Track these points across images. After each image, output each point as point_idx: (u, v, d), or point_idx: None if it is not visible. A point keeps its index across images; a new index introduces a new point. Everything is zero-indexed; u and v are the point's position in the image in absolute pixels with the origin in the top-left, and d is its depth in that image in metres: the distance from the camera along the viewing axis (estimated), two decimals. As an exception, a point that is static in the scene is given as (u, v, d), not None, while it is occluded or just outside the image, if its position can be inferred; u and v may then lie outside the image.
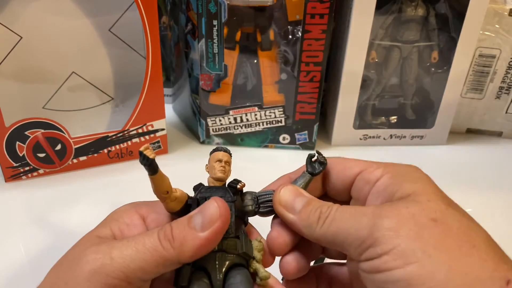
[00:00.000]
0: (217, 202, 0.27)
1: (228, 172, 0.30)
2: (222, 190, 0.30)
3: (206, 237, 0.26)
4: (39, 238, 0.46)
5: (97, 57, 0.54)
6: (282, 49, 0.57)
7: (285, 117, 0.61)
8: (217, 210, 0.26)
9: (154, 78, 0.54)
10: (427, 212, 0.24)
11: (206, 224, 0.26)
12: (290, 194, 0.29)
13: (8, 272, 0.42)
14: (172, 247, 0.26)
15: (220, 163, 0.30)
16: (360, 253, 0.25)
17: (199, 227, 0.26)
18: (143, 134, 0.57)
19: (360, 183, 0.29)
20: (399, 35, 0.59)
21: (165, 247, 0.26)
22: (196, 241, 0.26)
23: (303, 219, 0.28)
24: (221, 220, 0.26)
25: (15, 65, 0.50)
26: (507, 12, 0.58)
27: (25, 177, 0.54)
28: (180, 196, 0.29)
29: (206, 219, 0.26)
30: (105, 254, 0.26)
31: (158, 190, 0.28)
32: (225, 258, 0.28)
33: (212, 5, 0.52)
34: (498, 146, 0.67)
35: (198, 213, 0.27)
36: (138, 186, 0.54)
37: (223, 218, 0.26)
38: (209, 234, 0.26)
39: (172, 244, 0.26)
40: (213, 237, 0.26)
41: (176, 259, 0.26)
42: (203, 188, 0.30)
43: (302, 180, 0.31)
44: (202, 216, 0.26)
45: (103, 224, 0.29)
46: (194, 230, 0.26)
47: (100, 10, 0.52)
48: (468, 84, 0.64)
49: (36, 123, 0.52)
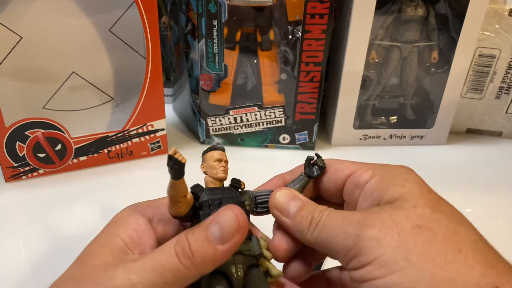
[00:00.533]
0: (234, 212, 0.25)
1: (226, 171, 0.30)
2: (228, 190, 0.29)
3: (226, 250, 0.25)
4: (39, 238, 0.46)
5: (97, 57, 0.54)
6: (282, 49, 0.57)
7: (285, 117, 0.61)
8: (235, 221, 0.25)
9: (154, 78, 0.54)
10: (411, 219, 0.24)
11: (226, 237, 0.25)
12: (285, 198, 0.29)
13: (8, 272, 0.42)
14: (193, 265, 0.25)
15: (220, 162, 0.29)
16: (348, 262, 0.25)
17: (218, 240, 0.25)
18: (143, 134, 0.57)
19: (350, 186, 0.29)
20: (399, 35, 0.59)
21: (186, 266, 0.25)
22: (217, 255, 0.25)
23: (296, 223, 0.28)
24: (241, 232, 0.25)
25: (15, 65, 0.50)
26: (507, 12, 0.58)
27: (25, 177, 0.54)
28: (190, 199, 0.28)
29: (225, 231, 0.25)
30: (123, 280, 0.25)
31: (177, 194, 0.27)
32: (243, 261, 0.28)
33: (212, 5, 0.52)
34: (498, 146, 0.67)
35: (215, 224, 0.25)
36: (138, 186, 0.55)
37: (242, 229, 0.25)
38: (229, 246, 0.25)
39: (193, 261, 0.25)
40: (233, 249, 0.26)
41: (197, 275, 0.25)
42: (209, 190, 0.29)
43: (299, 182, 0.31)
44: (220, 227, 0.25)
45: (109, 232, 0.28)
46: (213, 243, 0.25)
47: (100, 10, 0.52)
48: (468, 84, 0.64)
49: (36, 123, 0.52)
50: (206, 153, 0.30)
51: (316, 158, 0.31)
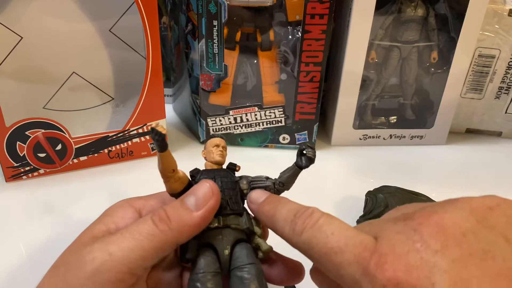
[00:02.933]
0: (208, 182, 0.28)
1: (225, 156, 0.32)
2: (223, 171, 0.31)
3: (202, 215, 0.27)
4: (39, 238, 0.46)
5: (98, 57, 0.54)
6: (282, 49, 0.57)
7: (285, 117, 0.61)
8: (209, 189, 0.27)
9: (154, 78, 0.54)
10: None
11: (200, 203, 0.27)
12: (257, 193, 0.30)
13: (8, 272, 0.42)
14: (169, 228, 0.26)
15: (218, 147, 0.31)
16: None
17: (194, 206, 0.27)
18: (144, 134, 0.57)
19: None
20: (399, 35, 0.59)
21: (162, 230, 0.26)
22: (193, 219, 0.27)
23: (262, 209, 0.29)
24: (214, 198, 0.27)
25: (15, 65, 0.50)
26: (506, 12, 0.58)
27: (25, 177, 0.54)
28: (183, 177, 0.30)
29: (200, 199, 0.27)
30: (102, 251, 0.26)
31: (165, 168, 0.29)
32: (230, 234, 0.29)
33: (212, 6, 0.53)
34: (498, 146, 0.67)
35: (190, 194, 0.28)
36: (138, 186, 0.55)
37: (215, 196, 0.28)
38: (204, 212, 0.27)
39: (169, 225, 0.26)
40: (208, 215, 0.27)
41: (174, 240, 0.26)
42: (205, 171, 0.31)
43: (289, 171, 0.32)
44: (195, 196, 0.27)
45: (97, 221, 0.29)
46: (189, 210, 0.27)
47: (101, 11, 0.52)
48: (468, 84, 0.64)
49: (36, 123, 0.52)
50: (209, 139, 0.32)
51: (306, 150, 0.32)
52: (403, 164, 0.61)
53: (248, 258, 0.28)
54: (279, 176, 0.32)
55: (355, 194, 0.52)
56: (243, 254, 0.28)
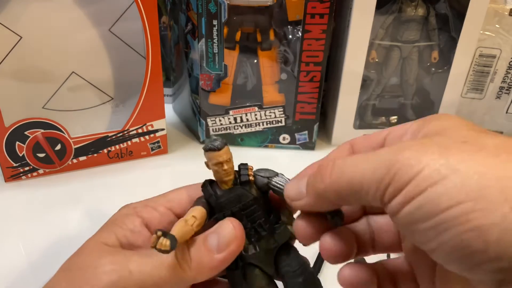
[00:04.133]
0: (232, 223, 0.27)
1: (232, 169, 0.29)
2: (236, 196, 0.29)
3: (222, 259, 0.27)
4: (39, 238, 0.46)
5: (97, 57, 0.54)
6: (282, 49, 0.57)
7: (285, 117, 0.61)
8: (232, 231, 0.27)
9: (154, 78, 0.54)
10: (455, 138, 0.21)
11: (222, 246, 0.27)
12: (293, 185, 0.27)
13: (8, 272, 0.42)
14: (189, 268, 0.26)
15: (222, 166, 0.28)
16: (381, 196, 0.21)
17: (215, 248, 0.27)
18: (143, 134, 0.57)
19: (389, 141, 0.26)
20: (399, 35, 0.59)
21: (183, 267, 0.26)
22: (213, 262, 0.27)
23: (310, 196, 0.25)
24: (237, 241, 0.27)
25: (15, 65, 0.50)
26: (507, 12, 0.58)
27: (25, 177, 0.54)
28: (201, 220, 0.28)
29: (222, 241, 0.27)
30: (122, 266, 0.26)
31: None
32: (269, 253, 0.29)
33: (212, 5, 0.52)
34: (498, 146, 0.66)
35: (213, 234, 0.27)
36: (138, 186, 0.55)
37: (238, 239, 0.27)
38: (225, 255, 0.27)
39: (189, 264, 0.26)
40: (229, 258, 0.27)
41: (192, 278, 0.27)
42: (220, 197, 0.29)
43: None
44: (218, 237, 0.27)
45: (106, 230, 0.29)
46: (210, 251, 0.27)
47: (100, 10, 0.52)
48: (468, 84, 0.63)
49: (36, 123, 0.52)
50: (206, 151, 0.29)
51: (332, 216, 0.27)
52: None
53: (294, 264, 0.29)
54: None
55: (356, 194, 0.52)
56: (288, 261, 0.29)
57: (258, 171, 0.30)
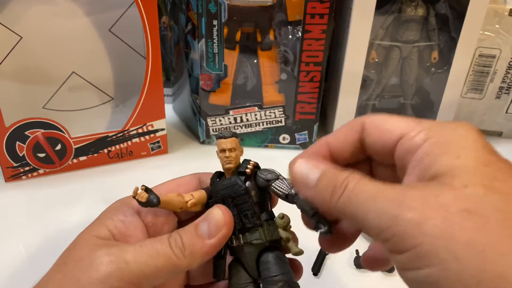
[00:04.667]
0: (220, 209, 0.29)
1: (235, 158, 0.30)
2: (231, 185, 0.30)
3: (213, 244, 0.28)
4: (39, 238, 0.46)
5: (97, 57, 0.54)
6: (282, 49, 0.57)
7: (285, 117, 0.61)
8: (222, 217, 0.28)
9: (154, 78, 0.54)
10: (460, 201, 0.20)
11: (213, 232, 0.28)
12: (303, 168, 0.26)
13: (8, 271, 0.42)
14: (183, 255, 0.27)
15: (224, 153, 0.30)
16: (381, 241, 0.22)
17: (206, 234, 0.28)
18: (143, 134, 0.57)
19: (401, 151, 0.25)
20: (399, 35, 0.59)
21: (177, 255, 0.27)
22: (204, 248, 0.28)
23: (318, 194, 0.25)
24: (227, 226, 0.28)
25: (15, 65, 0.50)
26: (507, 12, 0.58)
27: (25, 177, 0.54)
28: (198, 200, 0.30)
29: (213, 227, 0.28)
30: (118, 257, 0.26)
31: (171, 210, 0.30)
32: (253, 249, 0.29)
33: (212, 5, 0.52)
34: (498, 146, 0.65)
35: (204, 221, 0.28)
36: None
37: (228, 224, 0.28)
38: (216, 240, 0.28)
39: (183, 252, 0.27)
40: (220, 243, 0.28)
41: (186, 265, 0.27)
42: (214, 189, 0.31)
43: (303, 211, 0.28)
44: (208, 223, 0.28)
45: (97, 223, 0.30)
46: (201, 238, 0.28)
47: (100, 10, 0.52)
48: (468, 84, 0.64)
49: (36, 123, 0.52)
50: (216, 139, 0.31)
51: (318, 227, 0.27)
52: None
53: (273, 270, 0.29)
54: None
55: (355, 194, 0.52)
56: (268, 265, 0.29)
57: (262, 172, 0.30)
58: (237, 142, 0.31)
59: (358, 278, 0.44)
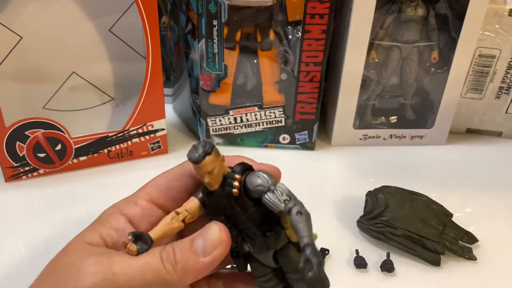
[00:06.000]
0: (218, 227, 0.27)
1: (216, 178, 0.27)
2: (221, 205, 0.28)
3: (207, 262, 0.26)
4: (39, 238, 0.46)
5: (97, 57, 0.54)
6: (282, 49, 0.57)
7: (285, 117, 0.61)
8: (218, 235, 0.27)
9: (154, 78, 0.54)
10: None
11: (208, 250, 0.27)
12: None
13: (8, 271, 0.42)
14: (174, 271, 0.26)
15: (203, 178, 0.27)
16: None
17: (201, 251, 0.27)
18: (143, 134, 0.57)
19: None
20: (399, 35, 0.59)
21: (168, 270, 0.26)
22: (198, 265, 0.26)
23: None
24: (223, 245, 0.27)
25: (15, 65, 0.50)
26: (507, 12, 0.58)
27: (25, 177, 0.54)
28: (194, 213, 0.28)
29: (209, 244, 0.27)
30: (106, 268, 0.25)
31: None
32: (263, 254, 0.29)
33: (212, 5, 0.52)
34: (498, 146, 0.67)
35: (200, 237, 0.27)
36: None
37: (224, 243, 0.27)
38: (210, 259, 0.27)
39: (175, 267, 0.26)
40: (214, 262, 0.27)
41: (177, 281, 0.26)
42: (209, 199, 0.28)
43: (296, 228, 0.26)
44: (204, 240, 0.27)
45: (90, 229, 0.29)
46: (196, 254, 0.26)
47: (101, 10, 0.52)
48: (468, 84, 0.64)
49: (36, 123, 0.52)
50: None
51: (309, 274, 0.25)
52: (403, 164, 0.61)
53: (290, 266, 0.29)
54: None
55: (355, 194, 0.52)
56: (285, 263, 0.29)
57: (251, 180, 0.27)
58: (213, 159, 0.26)
59: (358, 278, 0.44)
